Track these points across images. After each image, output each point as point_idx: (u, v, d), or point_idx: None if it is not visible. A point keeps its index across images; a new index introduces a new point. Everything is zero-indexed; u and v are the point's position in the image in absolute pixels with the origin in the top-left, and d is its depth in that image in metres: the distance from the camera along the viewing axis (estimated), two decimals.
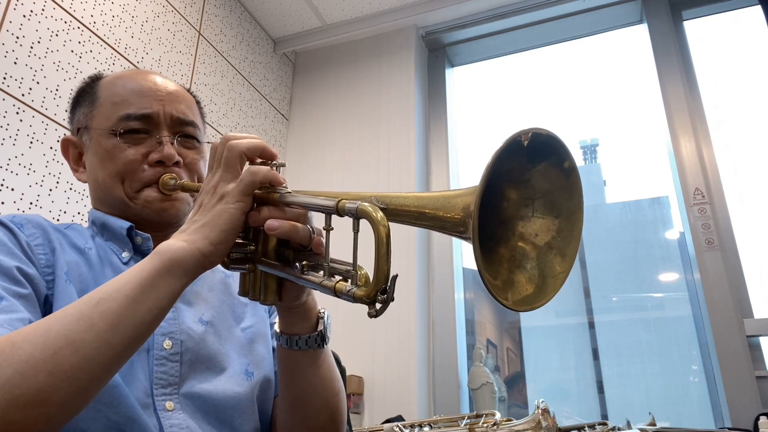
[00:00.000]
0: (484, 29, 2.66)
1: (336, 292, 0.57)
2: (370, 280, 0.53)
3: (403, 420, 1.75)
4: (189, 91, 0.98)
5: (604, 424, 1.53)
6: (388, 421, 1.76)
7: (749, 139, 2.28)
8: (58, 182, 1.57)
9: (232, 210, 0.64)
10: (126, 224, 0.85)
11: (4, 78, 1.48)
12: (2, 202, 1.42)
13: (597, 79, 2.87)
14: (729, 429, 1.70)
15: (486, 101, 3.00)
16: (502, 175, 0.53)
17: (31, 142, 1.52)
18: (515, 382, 2.49)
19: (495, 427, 1.43)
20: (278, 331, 0.77)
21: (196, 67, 2.22)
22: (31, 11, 1.58)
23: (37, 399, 0.52)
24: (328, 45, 2.81)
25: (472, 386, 2.08)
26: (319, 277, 0.61)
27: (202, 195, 0.68)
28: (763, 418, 1.51)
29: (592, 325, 2.46)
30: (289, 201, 0.65)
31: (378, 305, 0.53)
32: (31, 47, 1.56)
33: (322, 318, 0.78)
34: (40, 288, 0.72)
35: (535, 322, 2.57)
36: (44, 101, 1.57)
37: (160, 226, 0.88)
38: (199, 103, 0.99)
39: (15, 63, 1.51)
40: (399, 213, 0.57)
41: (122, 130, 0.86)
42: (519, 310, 0.51)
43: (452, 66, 2.85)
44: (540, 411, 1.32)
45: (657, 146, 2.35)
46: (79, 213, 1.61)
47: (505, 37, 2.67)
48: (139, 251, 0.85)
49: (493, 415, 1.51)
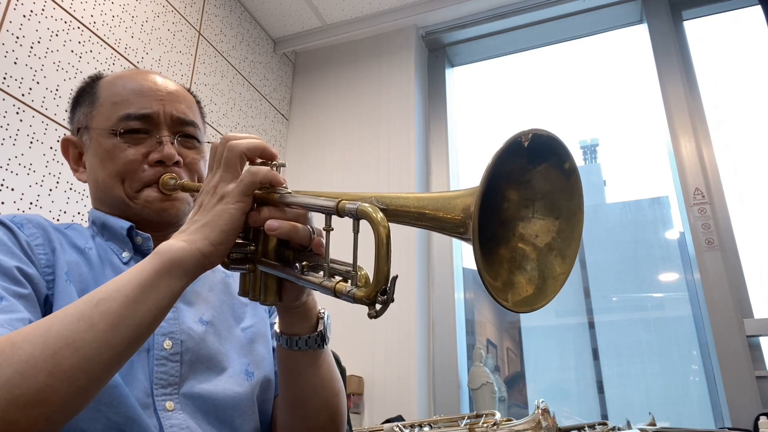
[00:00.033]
0: (484, 29, 2.66)
1: (336, 293, 0.57)
2: (370, 281, 0.53)
3: (403, 420, 1.75)
4: (189, 90, 0.97)
5: (604, 424, 1.53)
6: (388, 421, 1.76)
7: (749, 139, 2.28)
8: (58, 182, 1.57)
9: (232, 210, 0.64)
10: (126, 224, 0.85)
11: (4, 78, 1.48)
12: (2, 202, 1.42)
13: (597, 79, 2.87)
14: (729, 429, 1.70)
15: (486, 101, 3.00)
16: (503, 176, 0.53)
17: (31, 142, 1.52)
18: (515, 382, 2.49)
19: (495, 427, 1.43)
20: (278, 331, 0.77)
21: (196, 67, 2.22)
22: (31, 11, 1.58)
23: (37, 399, 0.52)
24: (328, 45, 2.81)
25: (472, 386, 2.08)
26: (319, 277, 0.61)
27: (202, 195, 0.68)
28: (763, 418, 1.51)
29: (592, 325, 2.46)
30: (289, 201, 0.65)
31: (378, 306, 0.53)
32: (31, 47, 1.56)
33: (322, 318, 0.78)
34: (41, 288, 0.72)
35: (535, 322, 2.57)
36: (44, 101, 1.57)
37: (160, 226, 0.88)
38: (199, 102, 0.99)
39: (15, 63, 1.51)
40: (399, 214, 0.57)
41: (122, 130, 0.86)
42: (519, 312, 0.51)
43: (452, 66, 2.84)
44: (540, 411, 1.32)
45: (657, 146, 2.35)
46: (79, 213, 1.61)
47: (505, 37, 2.67)
48: (139, 251, 0.85)
49: (493, 415, 1.51)
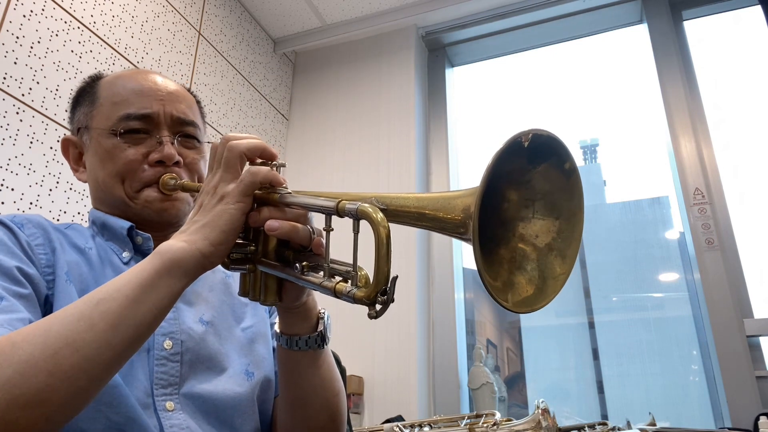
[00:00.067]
0: (484, 29, 2.66)
1: (336, 293, 0.57)
2: (370, 281, 0.53)
3: (403, 420, 1.75)
4: (189, 90, 0.97)
5: (604, 424, 1.53)
6: (388, 421, 1.76)
7: (749, 139, 2.28)
8: (58, 182, 1.57)
9: (232, 210, 0.64)
10: (126, 224, 0.85)
11: (4, 78, 1.48)
12: (2, 202, 1.42)
13: (597, 79, 2.87)
14: (729, 429, 1.70)
15: (486, 101, 2.99)
16: (503, 176, 0.53)
17: (31, 142, 1.52)
18: (515, 382, 2.49)
19: (495, 427, 1.43)
20: (278, 331, 0.77)
21: (196, 67, 2.22)
22: (31, 11, 1.58)
23: (37, 399, 0.52)
24: (328, 45, 2.81)
25: (472, 386, 2.08)
26: (319, 277, 0.61)
27: (203, 195, 0.68)
28: (763, 418, 1.51)
29: (592, 325, 2.46)
30: (290, 201, 0.65)
31: (378, 306, 0.53)
32: (31, 47, 1.56)
33: (323, 318, 0.78)
34: (41, 288, 0.71)
35: (535, 322, 2.57)
36: (44, 101, 1.57)
37: (160, 226, 0.88)
38: (199, 102, 0.99)
39: (15, 63, 1.51)
40: (399, 214, 0.57)
41: (122, 130, 0.86)
42: (519, 312, 0.51)
43: (452, 66, 2.84)
44: (540, 411, 1.32)
45: (657, 146, 2.35)
46: (79, 213, 1.61)
47: (505, 37, 2.67)
48: (139, 251, 0.85)
49: (493, 415, 1.51)
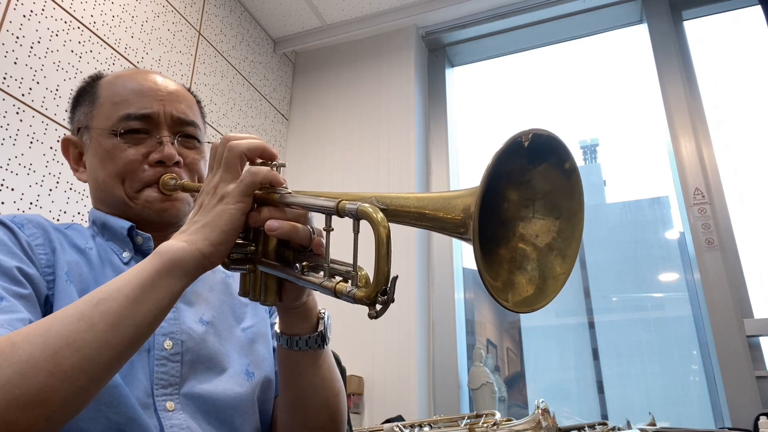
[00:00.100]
0: (484, 29, 2.66)
1: (336, 293, 0.57)
2: (371, 281, 0.53)
3: (403, 420, 1.75)
4: (189, 90, 0.97)
5: (604, 424, 1.53)
6: (388, 421, 1.76)
7: (749, 139, 2.28)
8: (58, 182, 1.57)
9: (232, 211, 0.64)
10: (127, 224, 0.85)
11: (4, 78, 1.48)
12: (2, 202, 1.42)
13: (597, 79, 2.87)
14: (729, 429, 1.70)
15: (486, 101, 2.99)
16: (503, 176, 0.53)
17: (31, 142, 1.52)
18: (515, 382, 2.49)
19: (495, 427, 1.43)
20: (278, 331, 0.77)
21: (196, 67, 2.22)
22: (31, 11, 1.58)
23: (37, 399, 0.52)
24: (328, 45, 2.81)
25: (472, 386, 2.08)
26: (319, 277, 0.61)
27: (203, 195, 0.68)
28: (763, 418, 1.51)
29: (592, 325, 2.46)
30: (290, 201, 0.65)
31: (378, 306, 0.53)
32: (31, 47, 1.56)
33: (323, 318, 0.78)
34: (41, 288, 0.71)
35: (535, 322, 2.57)
36: (44, 101, 1.57)
37: (160, 226, 0.88)
38: (199, 102, 0.99)
39: (15, 63, 1.51)
40: (399, 214, 0.57)
41: (122, 130, 0.86)
42: (519, 312, 0.51)
43: (452, 66, 2.84)
44: (540, 411, 1.32)
45: (657, 146, 2.35)
46: (79, 213, 1.61)
47: (505, 37, 2.67)
48: (139, 251, 0.85)
49: (493, 415, 1.51)
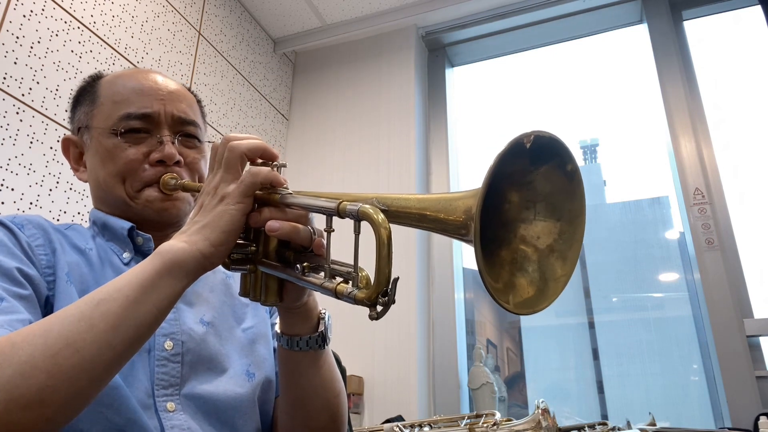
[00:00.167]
0: (484, 29, 2.65)
1: (337, 295, 0.57)
2: (371, 282, 0.53)
3: (403, 420, 1.75)
4: (190, 90, 0.97)
5: (604, 424, 1.53)
6: (388, 421, 1.76)
7: (749, 139, 2.28)
8: (58, 182, 1.57)
9: (232, 211, 0.64)
10: (127, 225, 0.85)
11: (4, 78, 1.47)
12: (2, 202, 1.42)
13: (597, 79, 2.87)
14: (729, 429, 1.70)
15: (486, 101, 2.99)
16: (505, 178, 0.52)
17: (31, 142, 1.52)
18: (515, 382, 2.49)
19: (495, 427, 1.43)
20: (279, 331, 0.77)
21: (196, 67, 2.22)
22: (31, 11, 1.58)
23: (37, 399, 0.52)
24: (328, 45, 2.81)
25: (472, 386, 2.08)
26: (320, 278, 0.61)
27: (203, 196, 0.68)
28: (763, 418, 1.51)
29: (592, 325, 2.46)
30: (290, 202, 0.65)
31: (379, 308, 0.53)
32: (31, 47, 1.56)
33: (323, 319, 0.77)
34: (41, 289, 0.71)
35: (535, 322, 2.57)
36: (44, 101, 1.57)
37: (160, 225, 0.88)
38: (199, 102, 0.99)
39: (15, 63, 1.51)
40: (400, 215, 0.57)
41: (123, 130, 0.86)
42: (520, 314, 0.51)
43: (452, 66, 2.84)
44: (540, 411, 1.32)
45: (657, 146, 2.35)
46: (79, 213, 1.61)
47: (505, 37, 2.67)
48: (140, 252, 0.85)
49: (493, 415, 1.51)
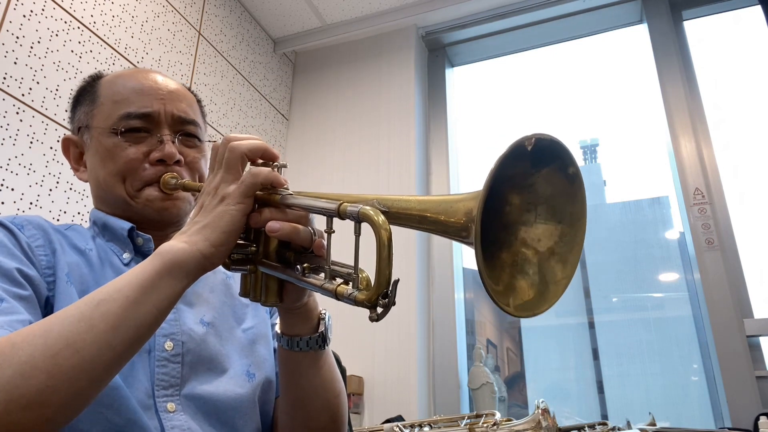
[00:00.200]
0: (484, 29, 2.65)
1: (337, 296, 0.57)
2: (372, 284, 0.53)
3: (403, 420, 1.75)
4: (190, 89, 0.97)
5: (604, 424, 1.53)
6: (388, 421, 1.76)
7: (749, 139, 2.28)
8: (58, 182, 1.57)
9: (233, 212, 0.64)
10: (127, 225, 0.85)
11: (4, 78, 1.47)
12: (2, 202, 1.42)
13: (597, 79, 2.87)
14: (729, 429, 1.70)
15: (486, 101, 2.99)
16: (506, 180, 0.52)
17: (31, 142, 1.52)
18: (515, 382, 2.49)
19: (495, 427, 1.43)
20: (279, 332, 0.77)
21: (196, 67, 2.22)
22: (31, 11, 1.57)
23: (37, 400, 0.52)
24: (328, 45, 2.81)
25: (472, 386, 2.08)
26: (320, 279, 0.61)
27: (203, 196, 0.68)
28: (763, 418, 1.51)
29: (592, 325, 2.46)
30: (291, 203, 0.65)
31: (379, 309, 0.53)
32: (31, 47, 1.56)
33: (323, 319, 0.77)
34: (41, 289, 0.71)
35: (535, 322, 2.57)
36: (44, 101, 1.57)
37: (161, 225, 0.88)
38: (200, 101, 0.99)
39: (15, 63, 1.51)
40: (401, 216, 0.56)
41: (123, 129, 0.86)
42: (521, 316, 0.51)
43: (452, 66, 2.84)
44: (540, 411, 1.32)
45: (657, 146, 2.35)
46: (79, 213, 1.61)
47: (505, 37, 2.67)
48: (140, 252, 0.85)
49: (493, 415, 1.51)
